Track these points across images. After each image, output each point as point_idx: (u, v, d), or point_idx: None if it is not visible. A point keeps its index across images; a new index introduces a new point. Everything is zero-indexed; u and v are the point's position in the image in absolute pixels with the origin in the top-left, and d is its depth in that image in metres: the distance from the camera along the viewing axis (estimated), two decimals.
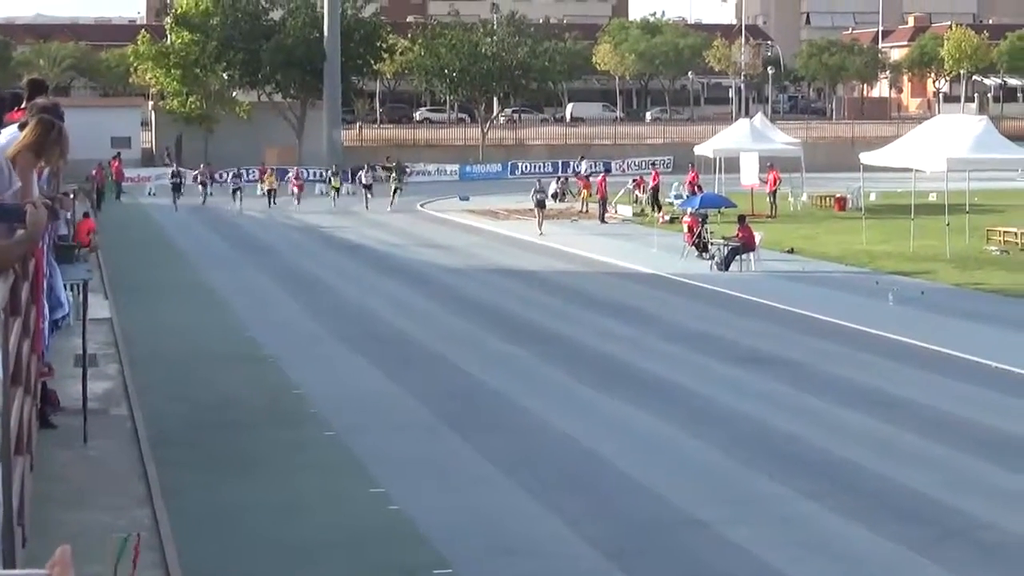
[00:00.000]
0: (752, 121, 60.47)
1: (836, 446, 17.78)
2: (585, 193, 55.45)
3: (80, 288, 17.60)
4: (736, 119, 75.46)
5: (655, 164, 73.52)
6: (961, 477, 16.41)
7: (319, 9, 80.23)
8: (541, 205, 47.65)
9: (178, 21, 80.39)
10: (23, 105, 11.82)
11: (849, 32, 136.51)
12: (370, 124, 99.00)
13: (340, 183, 61.96)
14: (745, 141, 55.89)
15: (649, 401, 20.53)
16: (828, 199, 55.25)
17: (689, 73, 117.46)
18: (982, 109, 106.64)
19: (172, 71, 78.98)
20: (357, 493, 15.67)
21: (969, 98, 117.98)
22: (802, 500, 15.42)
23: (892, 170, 43.97)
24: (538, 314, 29.41)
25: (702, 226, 39.24)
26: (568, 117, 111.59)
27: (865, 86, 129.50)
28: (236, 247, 43.94)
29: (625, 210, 53.61)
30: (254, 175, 66.37)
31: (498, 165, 79.03)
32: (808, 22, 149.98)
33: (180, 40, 79.87)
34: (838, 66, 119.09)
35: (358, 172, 62.73)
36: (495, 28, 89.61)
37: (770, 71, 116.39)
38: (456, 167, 77.58)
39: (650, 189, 55.30)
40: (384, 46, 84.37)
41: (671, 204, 52.30)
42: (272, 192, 58.88)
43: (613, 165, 75.92)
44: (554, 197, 56.39)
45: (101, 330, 23.77)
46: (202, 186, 61.21)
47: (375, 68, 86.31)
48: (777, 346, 25.35)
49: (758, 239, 37.16)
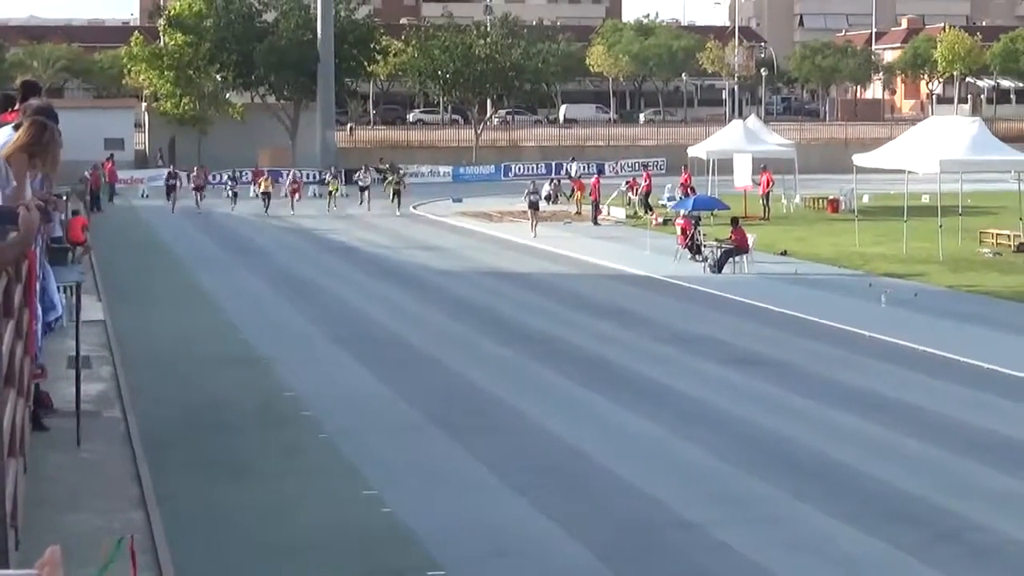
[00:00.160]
0: (745, 123, 60.54)
1: (828, 447, 17.81)
2: (579, 195, 55.46)
3: (73, 290, 17.60)
4: (729, 121, 75.41)
5: (647, 166, 73.55)
6: (954, 479, 16.45)
7: (312, 11, 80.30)
8: (534, 207, 47.60)
9: (171, 23, 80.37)
10: (16, 107, 11.83)
11: (842, 34, 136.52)
12: (363, 126, 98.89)
13: (339, 185, 60.09)
14: (738, 143, 55.89)
15: (642, 403, 20.55)
16: (821, 201, 55.31)
17: (682, 75, 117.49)
18: (975, 111, 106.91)
19: (165, 73, 78.90)
20: (350, 495, 15.67)
21: (962, 100, 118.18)
22: (794, 501, 15.45)
23: (885, 172, 43.98)
24: (531, 316, 29.43)
25: (695, 228, 39.28)
26: (562, 119, 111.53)
27: (858, 88, 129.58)
28: (230, 249, 43.88)
29: (618, 212, 53.59)
30: (247, 178, 66.15)
31: (491, 167, 78.75)
32: (801, 24, 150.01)
33: (173, 42, 79.88)
34: (831, 68, 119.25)
35: (355, 174, 62.07)
36: (488, 30, 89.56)
37: (763, 73, 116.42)
38: (449, 169, 77.35)
39: (641, 191, 55.37)
40: (377, 48, 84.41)
41: (664, 206, 52.25)
42: (267, 196, 58.19)
43: (607, 167, 75.71)
44: (547, 199, 56.29)
45: (94, 332, 23.71)
46: (197, 190, 59.09)
47: (368, 70, 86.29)
48: (770, 348, 25.38)
49: (751, 241, 37.18)
